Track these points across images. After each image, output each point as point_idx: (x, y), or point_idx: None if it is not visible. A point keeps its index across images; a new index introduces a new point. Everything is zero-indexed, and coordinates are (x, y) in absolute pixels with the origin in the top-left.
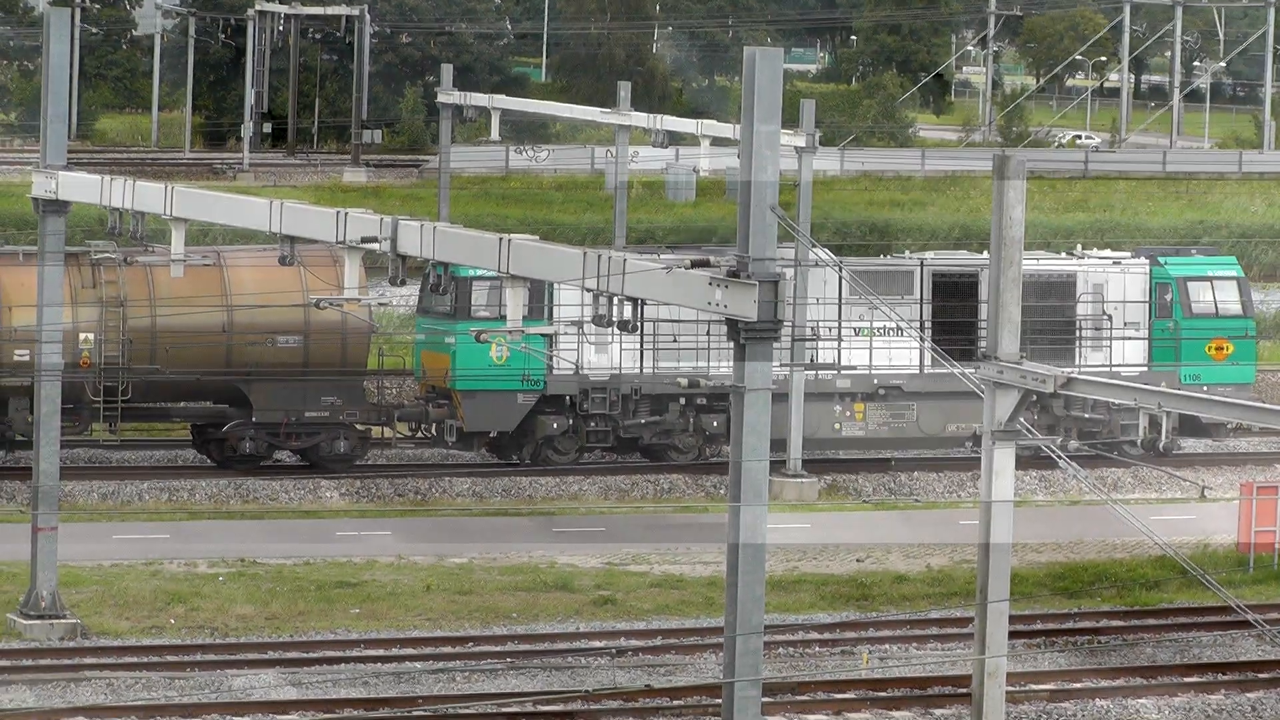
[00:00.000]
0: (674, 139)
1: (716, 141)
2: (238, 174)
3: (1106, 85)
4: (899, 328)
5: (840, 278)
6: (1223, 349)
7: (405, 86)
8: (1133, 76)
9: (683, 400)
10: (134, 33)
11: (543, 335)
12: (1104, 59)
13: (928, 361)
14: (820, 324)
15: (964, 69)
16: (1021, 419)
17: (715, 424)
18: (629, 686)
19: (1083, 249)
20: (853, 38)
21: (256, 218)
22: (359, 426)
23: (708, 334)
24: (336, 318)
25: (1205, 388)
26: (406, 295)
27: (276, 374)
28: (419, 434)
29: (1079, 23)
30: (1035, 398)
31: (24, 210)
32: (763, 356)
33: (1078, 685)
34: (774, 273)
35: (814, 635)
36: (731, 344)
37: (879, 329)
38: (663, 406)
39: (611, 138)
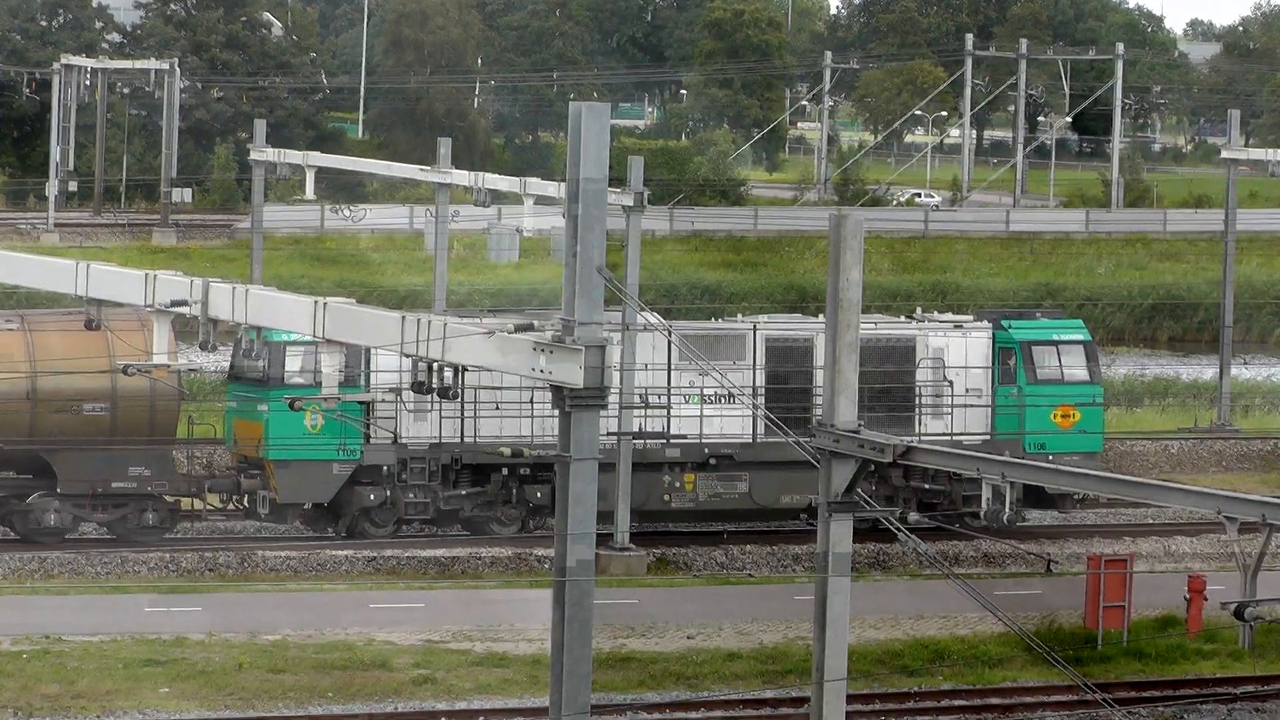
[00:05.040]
0: (496, 197)
1: (540, 200)
2: (42, 234)
3: (947, 141)
4: (731, 395)
5: (670, 343)
6: (1069, 416)
7: (216, 143)
8: (974, 132)
9: (505, 470)
10: None
11: (359, 403)
12: (944, 114)
13: (761, 430)
14: (649, 391)
15: (798, 124)
16: (859, 490)
17: (539, 495)
18: None
19: (923, 312)
20: (683, 92)
21: (62, 280)
22: (168, 498)
23: (531, 401)
24: (145, 384)
25: (1051, 457)
26: (218, 361)
27: (82, 443)
28: (231, 505)
29: (917, 76)
30: (873, 467)
31: None
32: (589, 425)
33: None
34: (601, 338)
35: (643, 715)
36: (557, 411)
37: (710, 396)
38: (485, 477)
39: (431, 196)
